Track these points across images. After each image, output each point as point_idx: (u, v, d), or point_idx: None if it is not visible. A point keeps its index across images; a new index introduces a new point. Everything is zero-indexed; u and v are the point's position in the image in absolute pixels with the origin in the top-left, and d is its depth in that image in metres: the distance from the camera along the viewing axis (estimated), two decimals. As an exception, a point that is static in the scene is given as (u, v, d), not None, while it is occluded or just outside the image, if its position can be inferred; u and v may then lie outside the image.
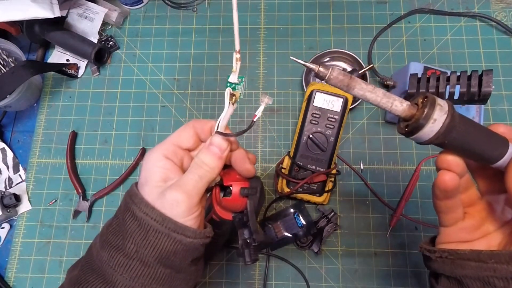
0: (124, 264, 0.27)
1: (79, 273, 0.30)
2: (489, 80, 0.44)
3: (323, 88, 0.53)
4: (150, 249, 0.27)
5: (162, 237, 0.27)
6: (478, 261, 0.25)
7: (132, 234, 0.28)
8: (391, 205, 0.54)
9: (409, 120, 0.24)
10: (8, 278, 0.56)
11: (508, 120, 0.58)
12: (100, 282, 0.27)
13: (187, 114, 0.62)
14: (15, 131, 0.63)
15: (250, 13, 0.67)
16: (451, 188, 0.26)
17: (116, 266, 0.27)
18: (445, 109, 0.23)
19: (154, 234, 0.27)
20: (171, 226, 0.27)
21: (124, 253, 0.28)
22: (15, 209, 0.58)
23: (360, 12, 0.65)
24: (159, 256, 0.27)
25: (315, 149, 0.53)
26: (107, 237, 0.29)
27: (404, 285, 0.53)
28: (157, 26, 0.67)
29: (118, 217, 0.30)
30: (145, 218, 0.27)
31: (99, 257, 0.29)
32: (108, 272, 0.28)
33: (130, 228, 0.28)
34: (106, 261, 0.28)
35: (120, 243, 0.28)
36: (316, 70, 0.26)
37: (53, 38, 0.63)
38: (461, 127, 0.23)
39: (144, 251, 0.27)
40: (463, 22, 0.63)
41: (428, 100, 0.24)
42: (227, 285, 0.54)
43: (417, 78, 0.49)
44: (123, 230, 0.28)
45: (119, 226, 0.29)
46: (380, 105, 0.25)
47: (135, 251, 0.27)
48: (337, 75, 0.25)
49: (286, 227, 0.52)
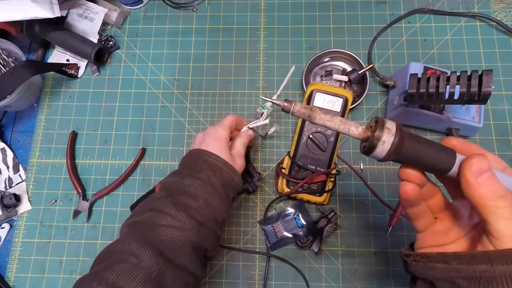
0: (201, 185, 0.42)
1: (165, 194, 0.42)
2: (489, 80, 0.44)
3: (323, 88, 0.53)
4: (217, 177, 0.43)
5: (224, 171, 0.44)
6: (444, 262, 0.26)
7: (205, 170, 0.43)
8: (391, 205, 0.54)
9: (366, 141, 0.28)
10: (8, 278, 0.56)
11: (508, 120, 0.59)
12: (187, 196, 0.41)
13: (187, 114, 0.62)
14: (15, 131, 0.63)
15: (250, 13, 0.67)
16: (413, 197, 0.29)
17: (198, 187, 0.42)
18: (393, 131, 0.27)
19: (220, 170, 0.43)
20: (229, 167, 0.45)
21: (201, 179, 0.42)
22: (15, 209, 0.58)
23: (360, 12, 0.65)
24: (222, 182, 0.43)
25: (315, 149, 0.53)
26: (184, 173, 0.43)
27: (404, 285, 0.53)
28: (157, 26, 0.67)
29: (187, 165, 0.45)
30: (214, 162, 0.44)
31: (182, 184, 0.42)
32: (191, 191, 0.41)
33: (203, 167, 0.43)
34: (189, 185, 0.42)
35: (197, 175, 0.43)
36: (282, 105, 0.31)
37: (53, 38, 0.63)
38: (409, 145, 0.27)
39: (214, 178, 0.43)
40: (463, 22, 0.63)
41: (378, 124, 0.27)
42: (227, 285, 0.54)
43: (417, 78, 0.49)
44: (197, 169, 0.43)
45: (192, 167, 0.44)
46: (339, 130, 0.29)
47: (208, 178, 0.43)
48: (299, 109, 0.30)
49: (286, 227, 0.52)
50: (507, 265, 0.23)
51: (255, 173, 0.56)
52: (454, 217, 0.31)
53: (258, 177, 0.56)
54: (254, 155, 0.60)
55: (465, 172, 0.26)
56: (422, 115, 0.54)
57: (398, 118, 0.57)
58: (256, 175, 0.56)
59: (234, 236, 0.56)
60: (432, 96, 0.47)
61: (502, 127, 0.58)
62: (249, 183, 0.56)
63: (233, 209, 0.57)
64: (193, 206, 0.40)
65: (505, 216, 0.24)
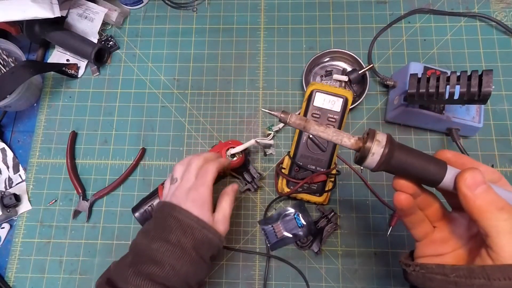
0: (169, 250, 0.38)
1: (132, 260, 0.39)
2: (489, 80, 0.44)
3: (323, 88, 0.53)
4: (188, 238, 0.39)
5: (197, 230, 0.40)
6: (443, 274, 0.27)
7: (175, 230, 0.39)
8: (391, 205, 0.54)
9: (358, 151, 0.29)
10: (8, 278, 0.56)
11: (508, 120, 0.59)
12: (152, 264, 0.38)
13: (187, 114, 0.62)
14: (15, 131, 0.63)
15: (250, 13, 0.67)
16: (406, 206, 0.30)
17: (165, 251, 0.38)
18: (383, 143, 0.28)
19: (191, 229, 0.39)
20: (202, 224, 0.40)
21: (169, 243, 0.39)
22: (15, 209, 0.58)
23: (360, 12, 0.65)
24: (194, 243, 0.39)
25: (315, 149, 0.53)
26: (153, 234, 0.40)
27: (404, 285, 0.53)
28: (157, 26, 0.67)
29: (156, 223, 0.41)
30: (186, 220, 0.40)
31: (149, 248, 0.39)
32: (158, 257, 0.38)
33: (174, 226, 0.39)
34: (156, 249, 0.38)
35: (166, 236, 0.39)
36: (279, 116, 0.31)
37: (53, 38, 0.63)
38: (398, 157, 0.28)
39: (184, 240, 0.39)
40: (463, 22, 0.63)
41: (369, 136, 0.28)
42: (227, 285, 0.54)
43: (417, 78, 0.49)
44: (166, 229, 0.40)
45: (161, 226, 0.40)
46: (332, 141, 0.30)
47: (178, 241, 0.39)
48: (295, 120, 0.31)
49: (286, 227, 0.52)
50: (504, 281, 0.23)
51: (256, 174, 0.56)
52: (453, 226, 0.31)
53: (258, 177, 0.56)
54: (254, 156, 0.60)
55: (460, 186, 0.26)
56: (422, 115, 0.54)
57: (398, 118, 0.57)
58: (257, 176, 0.56)
59: (234, 236, 0.56)
60: (432, 96, 0.47)
61: (502, 127, 0.58)
62: (249, 183, 0.56)
63: (233, 209, 0.57)
64: (158, 274, 0.37)
65: (506, 230, 0.24)
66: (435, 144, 0.58)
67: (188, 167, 0.45)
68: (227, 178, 0.59)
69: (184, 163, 0.46)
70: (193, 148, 0.60)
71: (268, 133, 0.59)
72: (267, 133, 0.59)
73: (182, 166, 0.45)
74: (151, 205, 0.52)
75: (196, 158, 0.45)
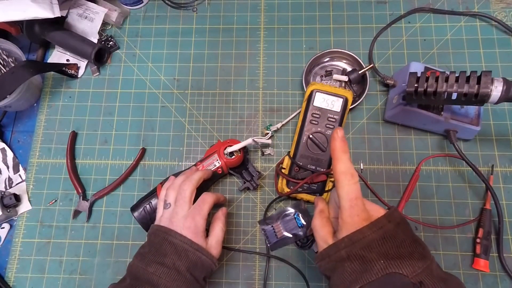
0: (165, 273, 0.41)
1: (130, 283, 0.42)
2: (487, 81, 0.44)
3: (323, 88, 0.53)
4: (183, 261, 0.42)
5: (190, 253, 0.43)
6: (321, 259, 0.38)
7: (170, 254, 0.42)
8: (391, 205, 0.54)
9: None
10: (8, 278, 0.56)
11: (508, 120, 0.58)
12: (149, 286, 0.40)
13: (187, 114, 0.62)
14: (15, 131, 0.63)
15: (250, 13, 0.67)
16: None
17: (161, 274, 0.41)
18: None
19: (185, 252, 0.42)
20: (196, 247, 0.43)
21: (165, 266, 0.41)
22: (15, 209, 0.58)
23: (360, 12, 0.65)
24: (188, 265, 0.42)
25: (315, 149, 0.53)
26: (149, 258, 0.43)
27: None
28: (157, 26, 0.67)
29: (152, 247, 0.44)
30: (180, 244, 0.43)
31: (146, 272, 0.41)
32: (154, 280, 0.41)
33: (169, 251, 0.42)
34: (152, 272, 0.41)
35: (161, 260, 0.42)
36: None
37: (53, 38, 0.63)
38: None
39: (179, 263, 0.42)
40: (463, 22, 0.63)
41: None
42: (227, 285, 0.54)
43: (416, 76, 0.49)
44: (162, 252, 0.43)
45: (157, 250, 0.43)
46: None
47: (173, 264, 0.42)
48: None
49: (286, 227, 0.52)
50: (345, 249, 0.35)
51: (255, 172, 0.56)
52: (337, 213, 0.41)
53: (257, 176, 0.56)
54: (254, 156, 0.60)
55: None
56: (420, 115, 0.53)
57: (396, 117, 0.57)
58: (256, 174, 0.56)
59: (234, 236, 0.56)
60: (430, 95, 0.47)
61: (502, 127, 0.58)
62: (249, 182, 0.56)
63: (233, 209, 0.57)
64: None
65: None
66: (435, 144, 0.58)
67: (181, 192, 0.46)
68: (227, 178, 0.59)
69: (175, 187, 0.48)
70: (193, 148, 0.60)
71: (266, 133, 0.59)
72: (265, 133, 0.59)
73: (174, 191, 0.47)
74: (149, 204, 0.52)
75: (187, 183, 0.47)
